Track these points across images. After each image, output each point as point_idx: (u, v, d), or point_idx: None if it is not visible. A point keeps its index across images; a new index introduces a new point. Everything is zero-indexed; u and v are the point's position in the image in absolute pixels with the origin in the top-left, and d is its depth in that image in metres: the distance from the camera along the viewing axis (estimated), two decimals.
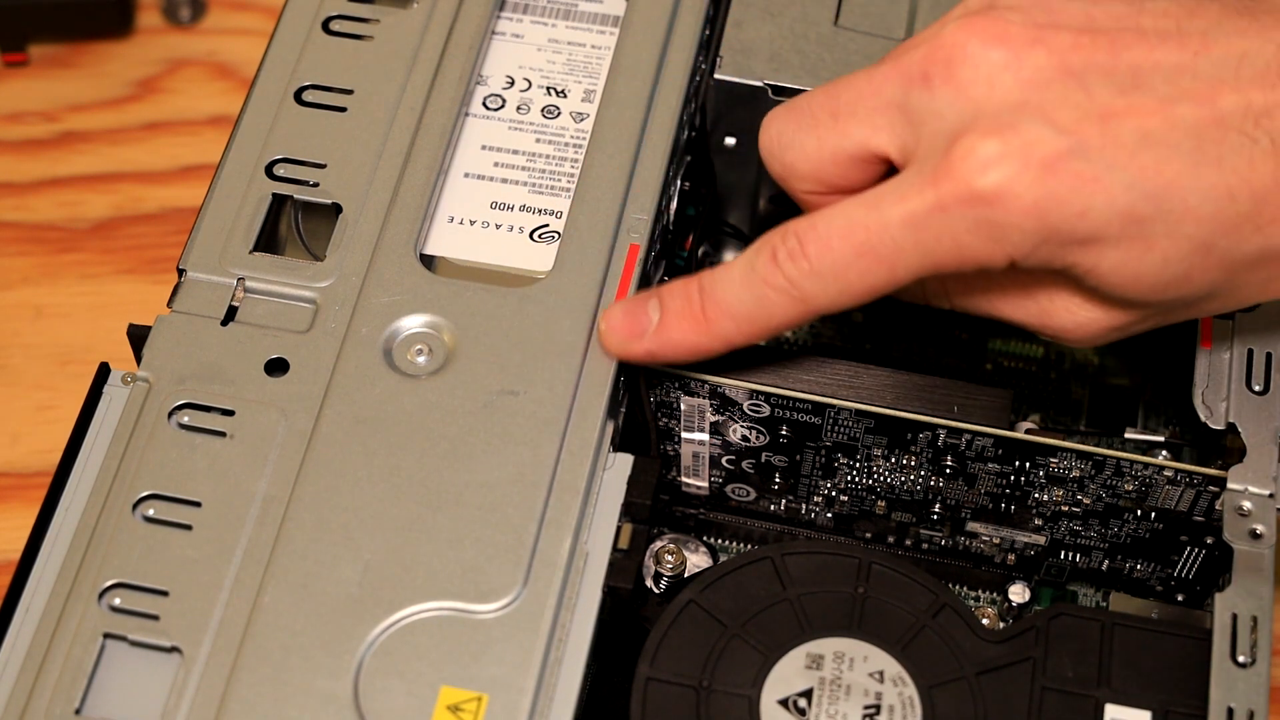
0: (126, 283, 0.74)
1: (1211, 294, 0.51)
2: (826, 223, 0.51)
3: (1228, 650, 0.52)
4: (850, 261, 0.51)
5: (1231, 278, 0.50)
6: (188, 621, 0.51)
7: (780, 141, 0.54)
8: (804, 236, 0.51)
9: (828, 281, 0.51)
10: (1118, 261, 0.49)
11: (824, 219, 0.51)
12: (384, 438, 0.54)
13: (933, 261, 0.50)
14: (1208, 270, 0.50)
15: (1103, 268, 0.50)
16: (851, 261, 0.51)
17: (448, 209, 0.60)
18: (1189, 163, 0.48)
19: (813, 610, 0.54)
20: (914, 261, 0.50)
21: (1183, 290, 0.50)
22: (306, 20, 0.63)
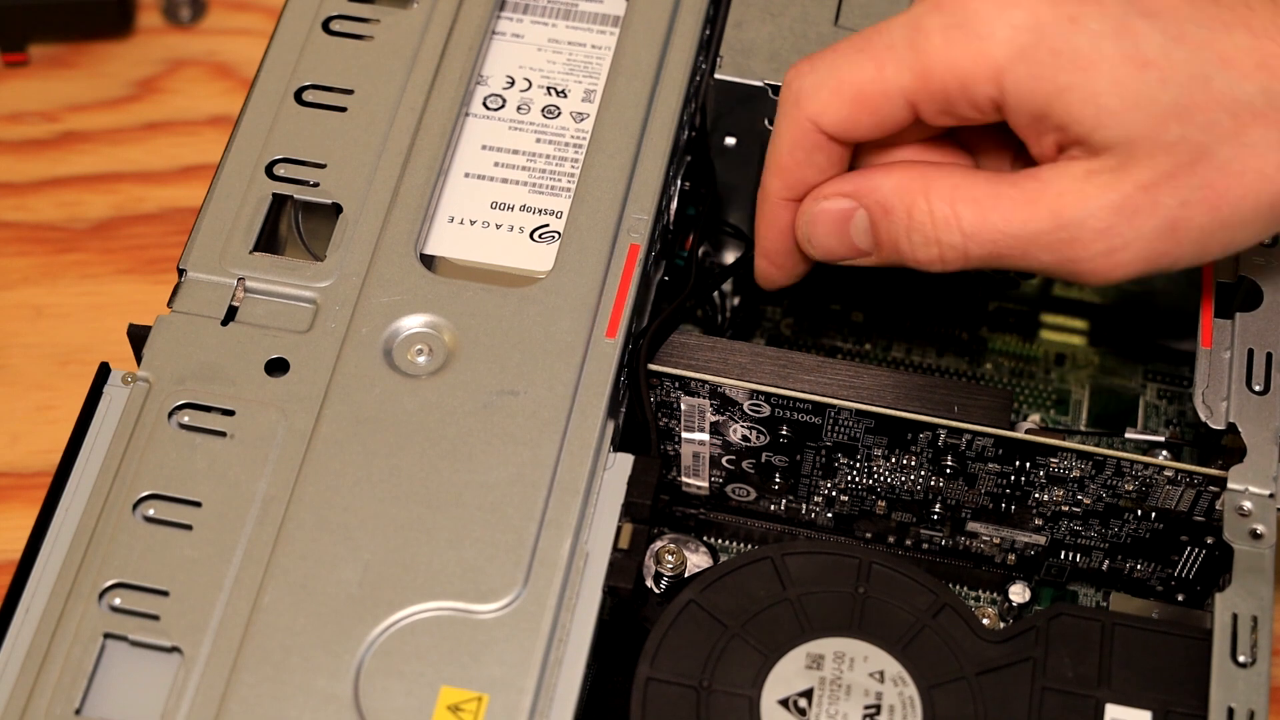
0: (126, 283, 0.74)
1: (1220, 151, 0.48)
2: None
3: (1228, 650, 0.52)
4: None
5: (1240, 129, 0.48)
6: (188, 621, 0.51)
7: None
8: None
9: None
10: (1113, 79, 0.48)
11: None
12: (384, 438, 0.54)
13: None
14: (1210, 106, 0.48)
15: (1099, 86, 0.48)
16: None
17: (448, 209, 0.60)
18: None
19: (813, 610, 0.54)
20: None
21: (1187, 128, 0.48)
22: (306, 20, 0.63)
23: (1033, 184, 0.51)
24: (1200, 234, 0.50)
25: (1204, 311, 0.58)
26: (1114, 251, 0.50)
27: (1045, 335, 0.70)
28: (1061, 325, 0.70)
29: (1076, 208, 0.50)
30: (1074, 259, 0.50)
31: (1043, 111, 0.50)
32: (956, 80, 0.50)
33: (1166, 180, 0.49)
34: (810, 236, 0.55)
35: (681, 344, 0.59)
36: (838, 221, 0.54)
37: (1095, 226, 0.50)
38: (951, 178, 0.52)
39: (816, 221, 0.54)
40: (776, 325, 0.70)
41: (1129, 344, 0.69)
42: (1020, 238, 0.51)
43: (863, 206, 0.53)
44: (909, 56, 0.51)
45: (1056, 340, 0.70)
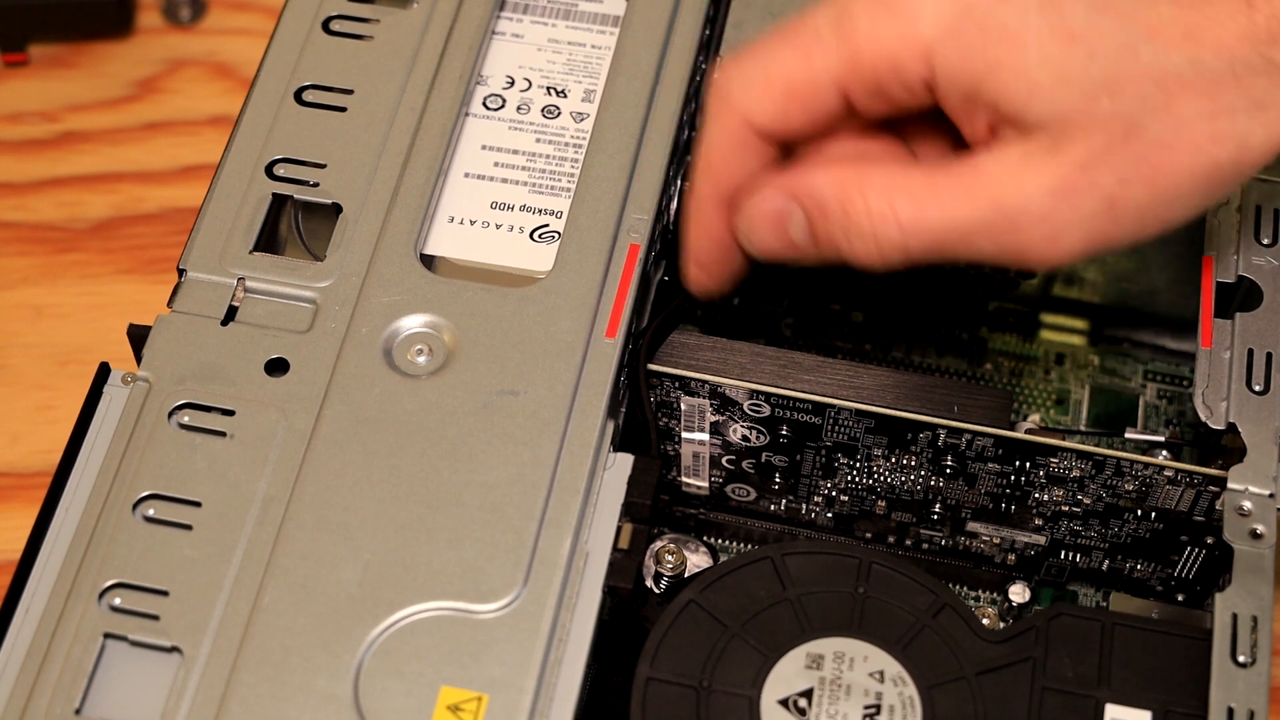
0: (126, 283, 0.74)
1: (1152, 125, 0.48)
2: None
3: (1228, 650, 0.52)
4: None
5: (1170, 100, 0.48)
6: (188, 621, 0.51)
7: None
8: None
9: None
10: (1041, 54, 0.48)
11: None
12: (384, 438, 0.54)
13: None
14: (1139, 79, 0.48)
15: (1028, 61, 0.48)
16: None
17: (448, 209, 0.60)
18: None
19: (813, 610, 0.54)
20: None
21: (1118, 101, 0.48)
22: (306, 20, 0.63)
23: (969, 172, 0.50)
24: (1139, 211, 0.49)
25: (1204, 311, 0.58)
26: (1056, 236, 0.49)
27: (1045, 335, 0.70)
28: (1061, 325, 0.70)
29: (1016, 194, 0.49)
30: (1017, 246, 0.50)
31: (974, 89, 0.49)
32: (886, 62, 0.49)
33: (1102, 157, 0.48)
34: (749, 235, 0.54)
35: (681, 344, 0.59)
36: (775, 220, 0.53)
37: (1036, 212, 0.49)
38: (887, 172, 0.51)
39: (754, 221, 0.53)
40: (776, 325, 0.70)
41: (1129, 344, 0.69)
42: (960, 229, 0.50)
43: (798, 205, 0.52)
44: (836, 43, 0.50)
45: (1056, 340, 0.70)
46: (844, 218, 0.51)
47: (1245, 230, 0.59)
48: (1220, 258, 0.59)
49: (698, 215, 0.55)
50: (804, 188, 0.52)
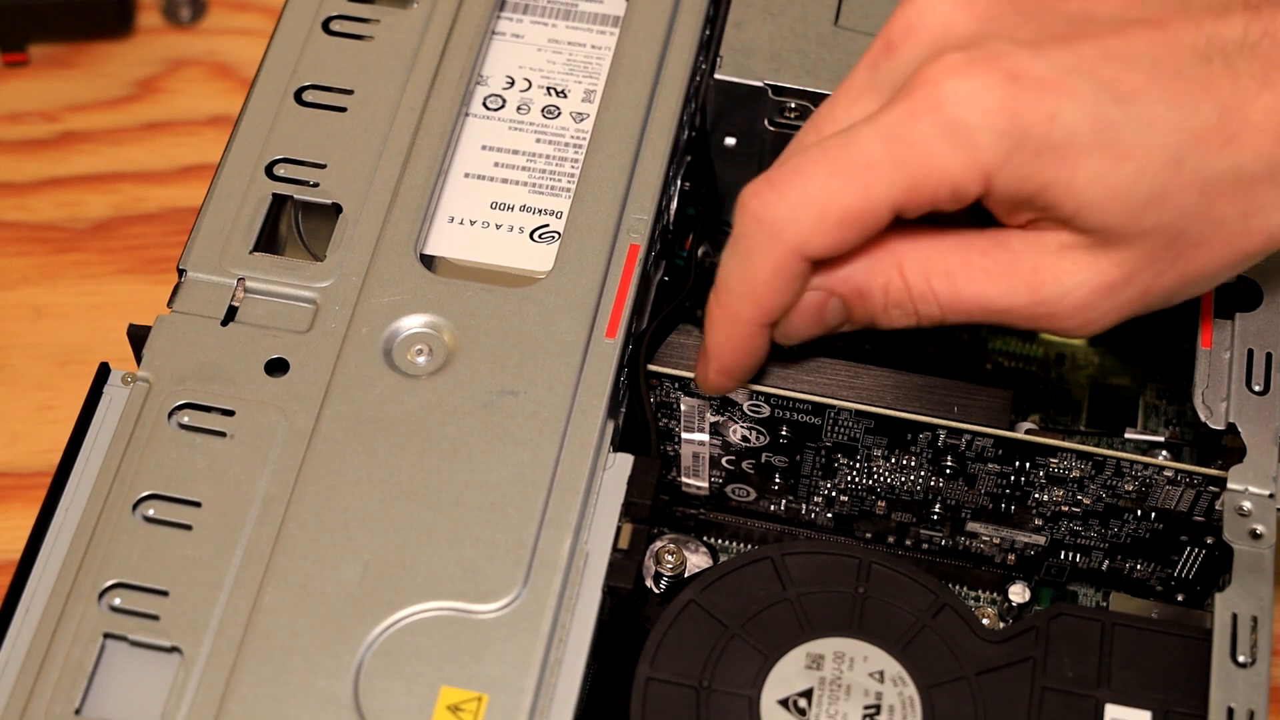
0: (126, 283, 0.74)
1: (1192, 230, 0.50)
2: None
3: (1228, 650, 0.52)
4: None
5: (1210, 206, 0.49)
6: (188, 621, 0.51)
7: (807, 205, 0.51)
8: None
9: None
10: (1093, 174, 0.49)
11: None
12: (384, 438, 0.54)
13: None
14: (1183, 189, 0.49)
15: (1079, 181, 0.49)
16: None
17: (448, 209, 0.60)
18: (1150, 74, 0.49)
19: (813, 610, 0.54)
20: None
21: (1162, 214, 0.49)
22: (306, 20, 0.63)
23: (1005, 255, 0.51)
24: (1168, 294, 0.52)
25: (1204, 311, 0.58)
26: (1090, 322, 0.52)
27: (1045, 335, 0.70)
28: None
29: (1054, 285, 0.51)
30: (1050, 327, 0.52)
31: (1025, 202, 0.50)
32: (948, 188, 0.50)
33: (1142, 260, 0.50)
34: (786, 333, 0.54)
35: (681, 344, 0.59)
36: (814, 311, 0.54)
37: (1073, 302, 0.51)
38: (921, 248, 0.52)
39: (794, 318, 0.54)
40: None
41: (1129, 344, 0.69)
42: (996, 310, 0.52)
43: (837, 295, 0.53)
44: (893, 173, 0.49)
45: (1056, 340, 0.70)
46: (884, 298, 0.53)
47: None
48: None
49: (734, 332, 0.54)
50: (840, 279, 0.53)
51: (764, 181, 0.51)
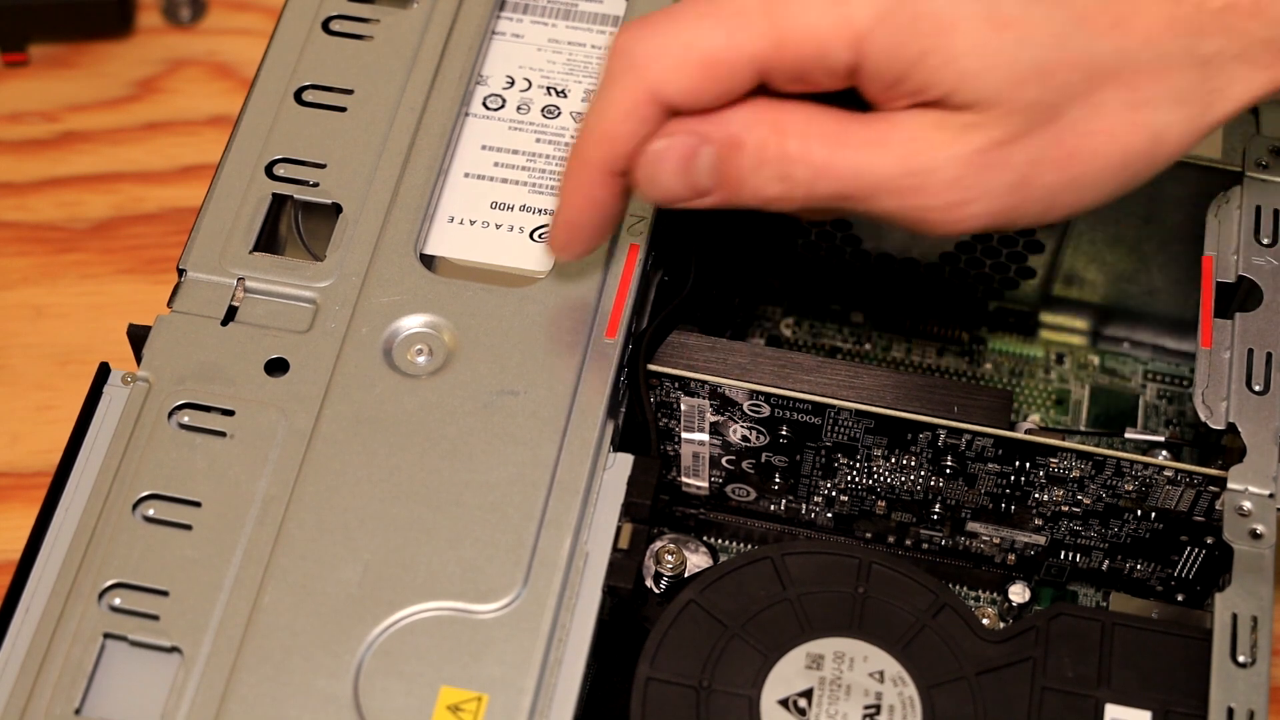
0: (126, 283, 0.74)
1: (1072, 111, 0.48)
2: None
3: (1228, 650, 0.52)
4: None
5: (1093, 89, 0.48)
6: (188, 621, 0.51)
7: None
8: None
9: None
10: (972, 42, 0.47)
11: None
12: (384, 438, 0.54)
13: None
14: (1066, 66, 0.48)
15: (958, 48, 0.47)
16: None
17: (448, 209, 0.60)
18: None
19: (813, 610, 0.54)
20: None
21: (1043, 90, 0.48)
22: (306, 20, 0.63)
23: (883, 125, 0.49)
24: (1047, 191, 0.49)
25: (1204, 311, 0.58)
26: (961, 204, 0.49)
27: (1045, 335, 0.70)
28: (1061, 325, 0.70)
29: (926, 155, 0.48)
30: (920, 207, 0.49)
31: (901, 77, 0.48)
32: (813, 47, 0.48)
33: (1018, 139, 0.48)
34: (653, 177, 0.51)
35: (681, 344, 0.59)
36: (683, 160, 0.50)
37: (944, 177, 0.49)
38: (802, 111, 0.50)
39: (662, 161, 0.50)
40: (776, 325, 0.70)
41: (1129, 344, 0.69)
42: (867, 180, 0.49)
43: (710, 143, 0.50)
44: (763, 23, 0.48)
45: (1056, 340, 0.70)
46: (758, 154, 0.50)
47: (1245, 230, 0.59)
48: (1220, 258, 0.59)
49: (580, 179, 0.52)
50: (716, 125, 0.50)
51: (638, 20, 0.50)
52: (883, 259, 0.68)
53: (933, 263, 0.68)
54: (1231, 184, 0.60)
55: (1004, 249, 0.66)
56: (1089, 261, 0.66)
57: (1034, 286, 0.68)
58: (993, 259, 0.67)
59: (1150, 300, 0.67)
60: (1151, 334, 0.68)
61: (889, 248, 0.67)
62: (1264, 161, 0.60)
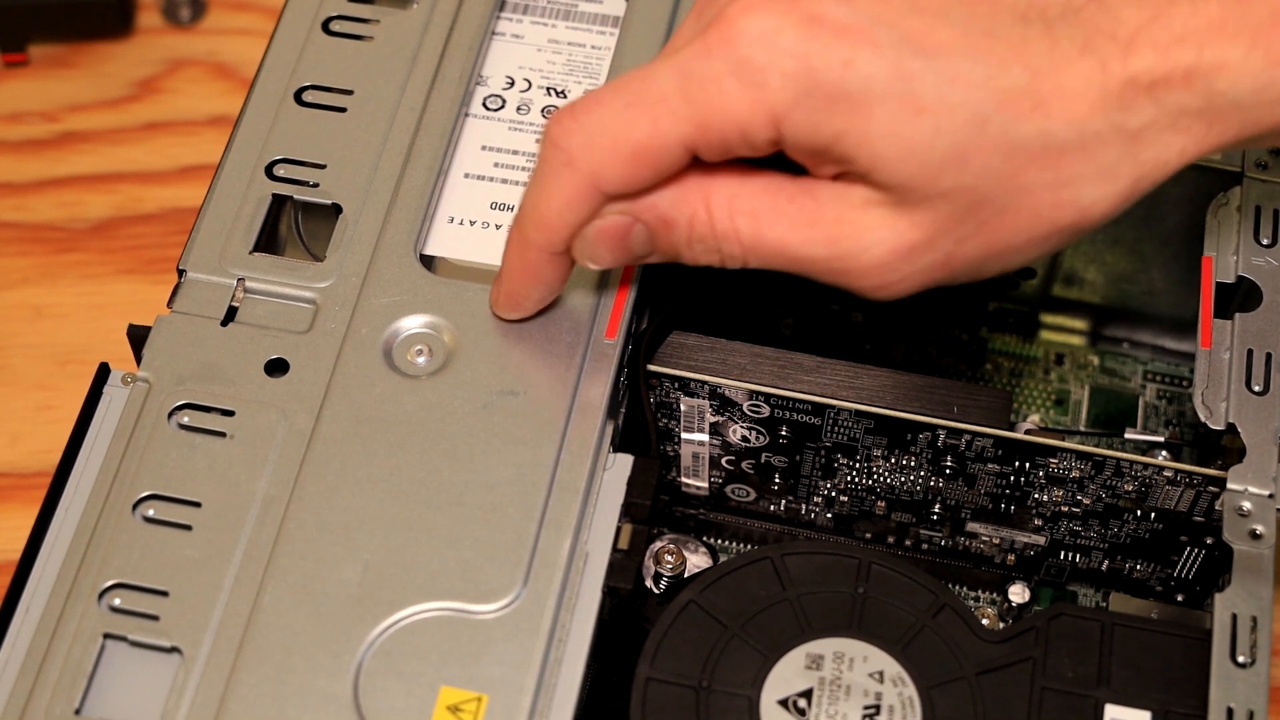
0: (126, 283, 0.74)
1: (996, 196, 0.48)
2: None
3: (1228, 650, 0.52)
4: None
5: (1016, 172, 0.48)
6: (188, 621, 0.51)
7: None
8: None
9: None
10: (888, 127, 0.47)
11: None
12: (384, 438, 0.54)
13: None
14: (985, 151, 0.47)
15: (873, 132, 0.47)
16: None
17: (448, 209, 0.60)
18: (961, 31, 0.47)
19: (813, 610, 0.54)
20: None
21: (962, 175, 0.48)
22: (306, 20, 0.63)
23: (810, 204, 0.50)
24: (973, 264, 0.50)
25: (1204, 311, 0.58)
26: (889, 284, 0.50)
27: (1045, 335, 0.70)
28: (1061, 325, 0.70)
29: (852, 240, 0.49)
30: (848, 282, 0.50)
31: (821, 152, 0.49)
32: (735, 128, 0.49)
33: (940, 222, 0.49)
34: (592, 255, 0.53)
35: (681, 344, 0.59)
36: (618, 237, 0.52)
37: (869, 261, 0.49)
38: (730, 185, 0.51)
39: (598, 241, 0.52)
40: (776, 325, 0.70)
41: (1129, 344, 0.69)
42: (796, 259, 0.50)
43: (641, 222, 0.52)
44: (684, 109, 0.49)
45: (1056, 340, 0.70)
46: (689, 230, 0.51)
47: (1245, 230, 0.59)
48: (1220, 258, 0.59)
49: (523, 260, 0.54)
50: (645, 206, 0.51)
51: (566, 108, 0.50)
52: None
53: None
54: (1231, 184, 0.60)
55: None
56: (1089, 261, 0.66)
57: (1034, 286, 0.68)
58: None
59: (1150, 300, 0.67)
60: (1151, 334, 0.68)
61: None
62: (1264, 161, 0.60)
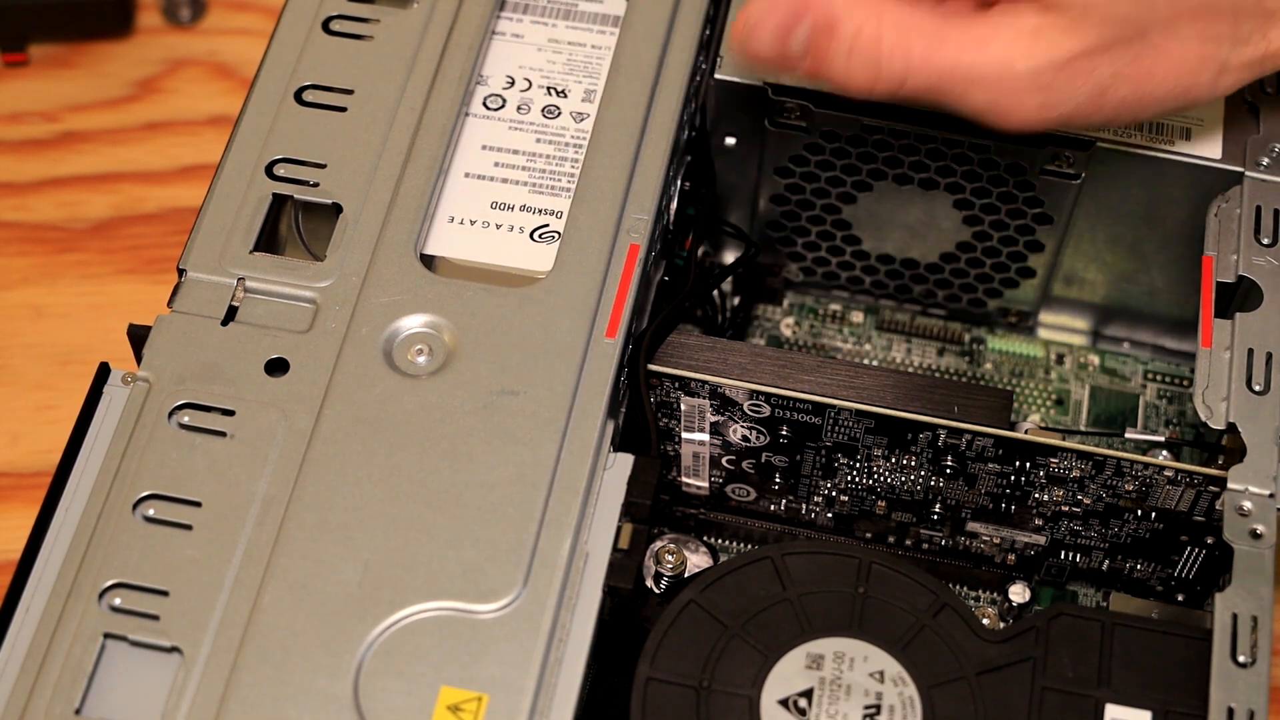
0: (126, 283, 0.74)
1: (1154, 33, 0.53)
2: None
3: (1228, 650, 0.52)
4: None
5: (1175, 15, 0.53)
6: (188, 621, 0.51)
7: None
8: None
9: None
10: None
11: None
12: (384, 438, 0.54)
13: None
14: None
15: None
16: None
17: (448, 209, 0.60)
18: None
19: (813, 610, 0.54)
20: None
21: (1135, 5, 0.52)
22: (306, 20, 0.63)
23: (984, 29, 0.53)
24: (1120, 104, 0.54)
25: (1204, 311, 0.58)
26: (1046, 106, 0.54)
27: (1045, 335, 0.70)
28: (1061, 325, 0.70)
29: (1024, 60, 0.53)
30: (1010, 105, 0.54)
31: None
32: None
33: (1105, 50, 0.53)
34: (749, 34, 0.55)
35: (681, 344, 0.59)
36: (780, 25, 0.54)
37: (1036, 81, 0.53)
38: (904, 8, 0.54)
39: (761, 21, 0.54)
40: (776, 325, 0.70)
41: (1129, 344, 0.69)
42: (965, 77, 0.53)
43: (811, 16, 0.54)
44: None
45: (1056, 340, 0.70)
46: (853, 39, 0.54)
47: (1245, 230, 0.59)
48: (1220, 258, 0.59)
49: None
50: (821, 4, 0.54)
51: None
52: (883, 259, 0.68)
53: (933, 262, 0.68)
54: (1231, 184, 0.60)
55: (1004, 249, 0.66)
56: (1089, 261, 0.66)
57: (1034, 286, 0.68)
58: (993, 259, 0.67)
59: (1150, 300, 0.67)
60: (1151, 334, 0.68)
61: (889, 248, 0.67)
62: (1264, 161, 0.60)
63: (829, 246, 0.68)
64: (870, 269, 0.68)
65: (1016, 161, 0.62)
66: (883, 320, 0.70)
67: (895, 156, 0.64)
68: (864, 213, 0.66)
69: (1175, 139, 0.61)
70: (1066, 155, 0.61)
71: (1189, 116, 0.61)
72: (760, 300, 0.70)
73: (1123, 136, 0.61)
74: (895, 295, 0.70)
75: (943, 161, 0.63)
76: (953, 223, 0.66)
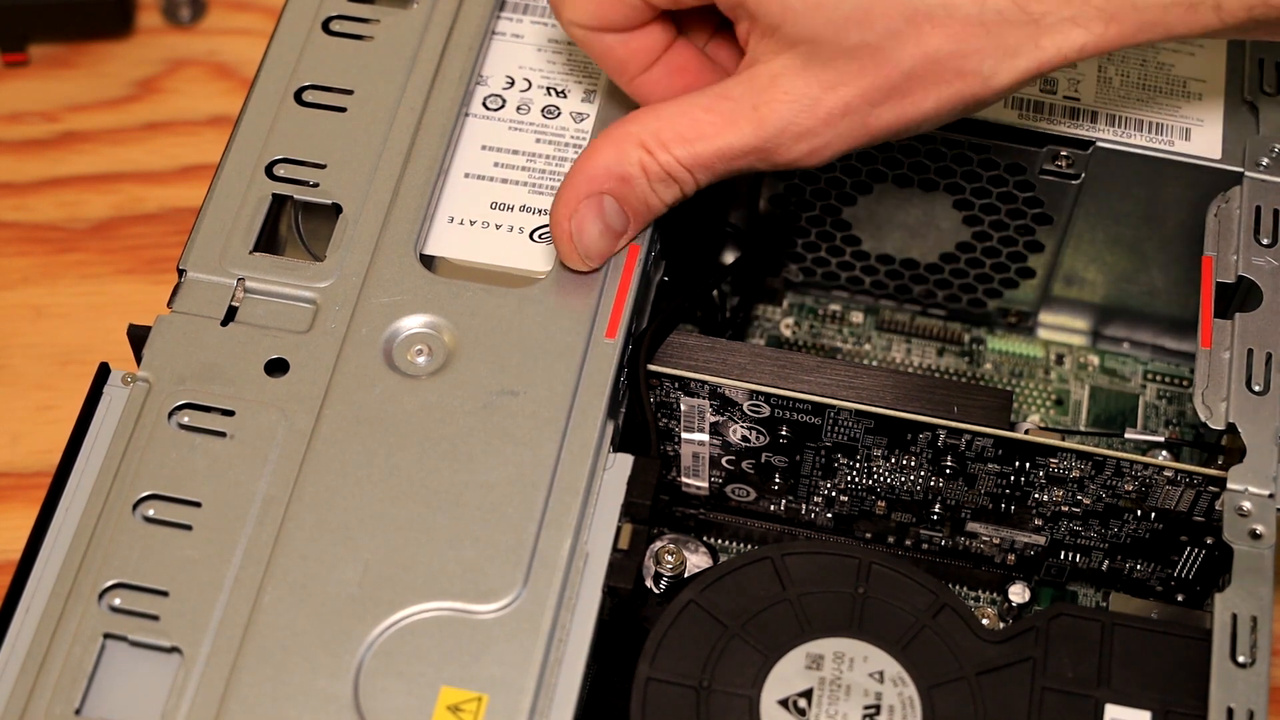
0: (126, 283, 0.74)
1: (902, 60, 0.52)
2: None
3: (1228, 650, 0.52)
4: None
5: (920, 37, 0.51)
6: (188, 621, 0.51)
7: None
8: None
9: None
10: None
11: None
12: (384, 438, 0.54)
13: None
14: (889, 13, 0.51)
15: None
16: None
17: (448, 209, 0.60)
18: None
19: (813, 610, 0.54)
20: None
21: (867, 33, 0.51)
22: (306, 20, 0.63)
23: (727, 104, 0.54)
24: (890, 127, 0.54)
25: (1204, 311, 0.58)
26: (816, 150, 0.54)
27: (1045, 335, 0.70)
28: (1061, 325, 0.70)
29: (774, 118, 0.53)
30: (783, 161, 0.54)
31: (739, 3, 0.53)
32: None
33: (849, 81, 0.53)
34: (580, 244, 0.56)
35: (681, 344, 0.59)
36: (596, 214, 0.56)
37: (795, 131, 0.53)
38: (651, 123, 0.55)
39: (583, 225, 0.56)
40: (776, 325, 0.70)
41: (1129, 344, 0.69)
42: (734, 155, 0.54)
43: (603, 192, 0.55)
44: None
45: (1056, 340, 0.70)
46: (646, 177, 0.55)
47: (1245, 230, 0.59)
48: (1220, 258, 0.59)
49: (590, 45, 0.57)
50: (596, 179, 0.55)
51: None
52: (883, 259, 0.68)
53: (933, 263, 0.68)
54: (1231, 184, 0.60)
55: (1004, 249, 0.66)
56: (1089, 261, 0.66)
57: (1034, 286, 0.68)
58: (993, 259, 0.67)
59: (1150, 300, 0.67)
60: (1151, 334, 0.68)
61: (889, 248, 0.67)
62: (1264, 161, 0.60)
63: (829, 247, 0.68)
64: (870, 269, 0.68)
65: (1016, 162, 0.62)
66: (882, 320, 0.70)
67: (895, 157, 0.64)
68: (864, 213, 0.66)
69: (1175, 139, 0.61)
70: (1066, 155, 0.62)
71: (1189, 117, 0.61)
72: (760, 300, 0.70)
73: (1123, 136, 0.61)
74: (895, 295, 0.70)
75: (942, 162, 0.63)
76: (952, 223, 0.66)
